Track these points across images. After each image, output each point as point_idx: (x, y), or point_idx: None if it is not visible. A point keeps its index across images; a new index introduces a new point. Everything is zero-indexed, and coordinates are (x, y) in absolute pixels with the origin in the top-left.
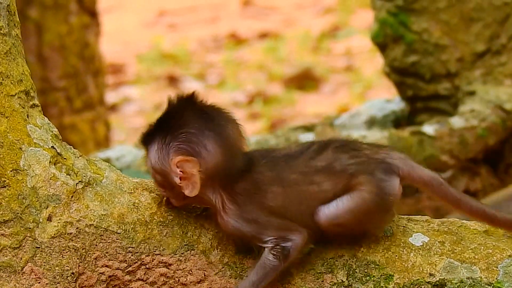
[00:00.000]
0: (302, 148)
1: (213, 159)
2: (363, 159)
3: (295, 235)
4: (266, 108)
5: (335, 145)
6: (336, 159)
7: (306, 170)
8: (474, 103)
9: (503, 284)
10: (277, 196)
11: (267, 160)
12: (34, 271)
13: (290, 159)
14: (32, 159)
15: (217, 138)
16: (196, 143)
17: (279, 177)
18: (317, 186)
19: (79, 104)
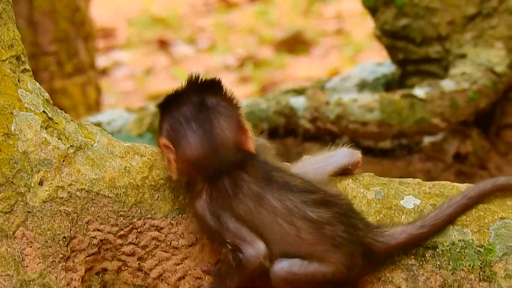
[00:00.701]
0: (305, 188)
1: (194, 153)
2: (354, 238)
3: (250, 249)
4: (257, 72)
5: (338, 210)
6: (332, 224)
7: (294, 210)
8: (465, 66)
9: (495, 246)
10: (248, 211)
11: (262, 173)
12: (25, 235)
13: (286, 188)
14: (23, 124)
15: (202, 134)
16: (179, 133)
17: (260, 196)
18: (296, 231)
19: (69, 69)
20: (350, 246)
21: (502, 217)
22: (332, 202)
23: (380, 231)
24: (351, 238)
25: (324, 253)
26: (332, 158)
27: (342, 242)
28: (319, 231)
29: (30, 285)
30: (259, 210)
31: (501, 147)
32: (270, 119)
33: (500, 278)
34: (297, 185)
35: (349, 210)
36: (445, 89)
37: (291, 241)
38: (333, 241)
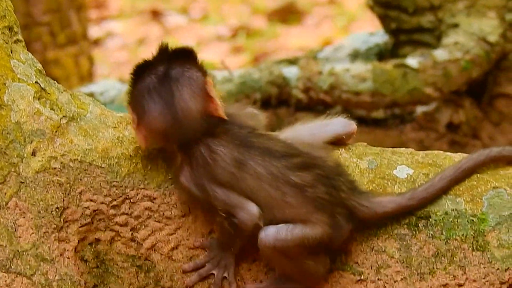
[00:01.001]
0: (286, 152)
1: (157, 125)
2: (336, 200)
3: (243, 213)
4: (250, 42)
5: (320, 172)
6: (313, 186)
7: (277, 175)
8: (458, 35)
9: (488, 216)
10: (232, 177)
11: (239, 139)
12: (18, 206)
13: (267, 153)
14: (16, 94)
15: (164, 106)
16: (142, 105)
17: (242, 162)
18: (281, 196)
19: (62, 39)
20: (332, 207)
21: (495, 186)
22: (314, 164)
23: (367, 197)
24: (333, 199)
25: (308, 215)
26: (327, 126)
27: (323, 203)
28: (302, 194)
29: (23, 256)
30: (243, 176)
31: (494, 117)
32: (263, 89)
33: (493, 247)
34: (278, 150)
35: (333, 172)
36: (438, 58)
37: (277, 205)
38: (315, 203)
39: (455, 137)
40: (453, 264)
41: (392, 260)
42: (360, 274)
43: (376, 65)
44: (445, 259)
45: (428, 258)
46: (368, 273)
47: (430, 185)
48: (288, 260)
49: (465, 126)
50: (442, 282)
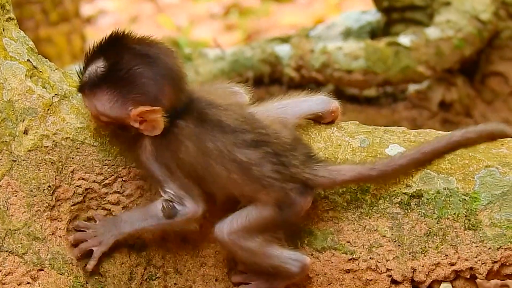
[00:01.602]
0: (238, 127)
1: (170, 100)
2: (285, 177)
3: (190, 205)
4: (242, 20)
5: (268, 149)
6: (260, 165)
7: (224, 151)
8: (450, 13)
9: (480, 195)
10: (189, 152)
11: (199, 114)
12: (10, 185)
13: (220, 128)
14: (8, 73)
15: (170, 81)
16: (155, 92)
17: (199, 137)
18: (227, 173)
19: (54, 17)
20: (281, 184)
21: (487, 165)
22: (264, 141)
23: (325, 166)
24: (281, 176)
25: (255, 193)
26: (304, 102)
27: (270, 181)
28: (247, 173)
29: (15, 234)
30: (196, 152)
31: (486, 95)
32: (255, 67)
33: (485, 226)
34: (230, 124)
35: (284, 148)
36: (430, 36)
37: (222, 182)
38: (261, 182)
39: (447, 116)
40: (445, 243)
41: (384, 239)
42: (352, 253)
43: (369, 43)
44: (437, 238)
45: (420, 237)
46: (360, 252)
47: (391, 160)
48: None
49: (457, 105)
50: (434, 261)
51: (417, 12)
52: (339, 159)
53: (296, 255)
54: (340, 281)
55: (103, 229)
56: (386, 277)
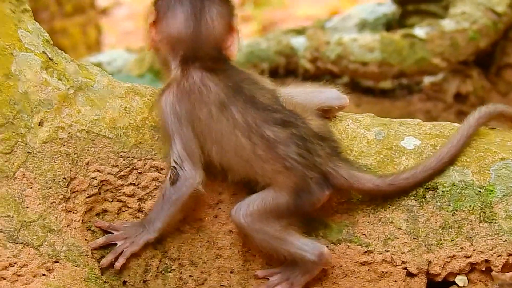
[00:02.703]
0: (269, 105)
1: (175, 29)
2: (309, 163)
3: (188, 169)
4: (258, 11)
5: (297, 132)
6: (286, 144)
7: (253, 126)
8: (465, 5)
9: (495, 187)
10: (209, 116)
11: (232, 81)
12: (26, 176)
13: (251, 103)
14: (23, 64)
15: (191, 14)
16: (169, 5)
17: (225, 105)
18: (251, 146)
19: (69, 8)
20: (303, 169)
21: (502, 157)
22: (292, 123)
23: (348, 169)
24: (304, 161)
25: (275, 174)
26: (322, 93)
27: (293, 164)
28: (272, 150)
29: (31, 226)
30: (220, 118)
31: (502, 87)
32: (271, 59)
33: (500, 219)
34: (263, 101)
35: (312, 135)
36: (445, 28)
37: (245, 155)
38: (284, 162)
39: (462, 108)
40: (461, 235)
41: (399, 231)
42: (368, 246)
43: (384, 35)
44: (452, 231)
45: (435, 230)
46: (375, 244)
47: (412, 175)
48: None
49: (472, 97)
50: (450, 253)
51: (432, 4)
52: (354, 152)
53: (313, 244)
54: (355, 274)
55: (134, 231)
56: (401, 270)
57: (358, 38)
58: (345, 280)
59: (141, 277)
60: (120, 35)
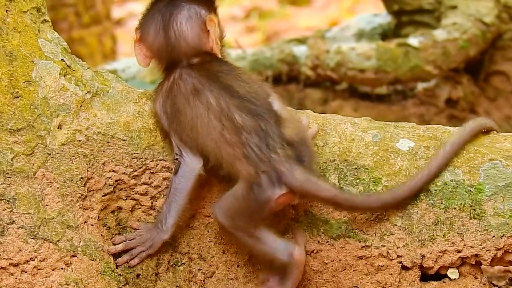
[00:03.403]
0: (246, 96)
1: (152, 41)
2: (264, 156)
3: (188, 156)
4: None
5: (264, 126)
6: (249, 133)
7: (225, 110)
8: (456, 16)
9: (484, 186)
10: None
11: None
12: (45, 176)
13: (227, 91)
14: (43, 71)
15: (162, 25)
16: (146, 23)
17: (199, 91)
18: (221, 128)
19: (87, 19)
20: (256, 160)
21: (491, 158)
22: (263, 118)
23: (306, 174)
24: (260, 154)
25: (234, 159)
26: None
27: (251, 153)
28: (237, 135)
29: (50, 223)
30: (195, 103)
31: (490, 92)
32: (274, 66)
33: (489, 216)
34: (239, 91)
35: (278, 135)
36: (438, 38)
37: (215, 137)
38: (243, 149)
39: (453, 112)
40: (452, 231)
41: (395, 227)
42: (365, 241)
43: (380, 44)
44: (444, 227)
45: (428, 226)
46: (372, 239)
47: (367, 199)
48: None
49: (463, 102)
50: (442, 248)
51: (426, 15)
52: (352, 153)
53: (285, 244)
54: (353, 267)
55: (149, 234)
56: (396, 263)
57: (356, 47)
58: (344, 273)
59: (153, 270)
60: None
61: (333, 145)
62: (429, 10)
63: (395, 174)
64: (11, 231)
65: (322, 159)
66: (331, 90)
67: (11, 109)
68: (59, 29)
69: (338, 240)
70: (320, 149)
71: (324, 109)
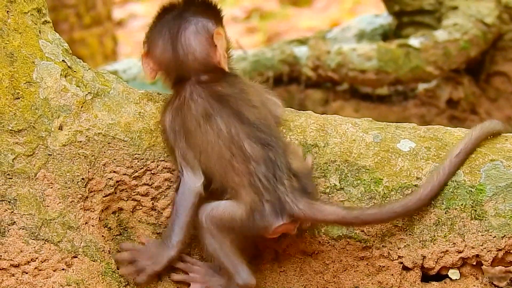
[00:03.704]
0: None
1: (160, 55)
2: (270, 186)
3: (188, 174)
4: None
5: (273, 156)
6: (258, 162)
7: (234, 137)
8: (457, 17)
9: (485, 187)
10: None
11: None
12: (46, 177)
13: (236, 117)
14: (44, 72)
15: (169, 40)
16: (153, 37)
17: (210, 115)
18: (230, 156)
19: (88, 20)
20: (261, 190)
21: (492, 159)
22: (272, 148)
23: (310, 203)
24: (266, 184)
25: (239, 187)
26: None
27: (257, 183)
28: (245, 164)
29: (51, 224)
30: (206, 128)
31: (491, 93)
32: (275, 67)
33: (490, 216)
34: (249, 117)
35: (286, 166)
36: (438, 39)
37: (224, 163)
38: (250, 178)
39: (454, 113)
40: (453, 232)
41: (395, 228)
42: (366, 242)
43: (381, 45)
44: (445, 227)
45: (429, 226)
46: (373, 240)
47: (378, 212)
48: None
49: (464, 102)
50: (443, 249)
51: (426, 16)
52: (353, 153)
53: (248, 273)
54: (354, 268)
55: (156, 250)
56: (397, 264)
57: (356, 47)
58: (345, 273)
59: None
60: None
61: (334, 146)
62: (430, 11)
63: (396, 175)
64: (12, 232)
65: (323, 160)
66: (332, 90)
67: (12, 110)
68: (60, 30)
69: (339, 240)
70: (321, 150)
71: (325, 109)
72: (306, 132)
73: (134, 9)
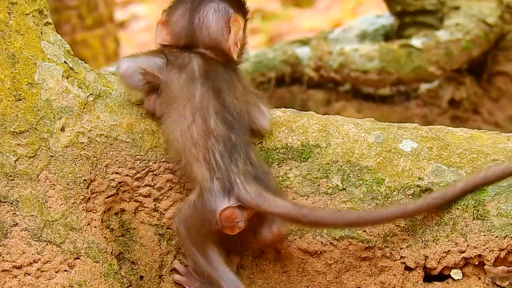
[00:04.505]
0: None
1: (178, 23)
2: (223, 165)
3: None
4: (265, 24)
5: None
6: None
7: (203, 108)
8: (459, 17)
9: (487, 187)
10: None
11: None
12: (48, 178)
13: (216, 93)
14: (46, 74)
15: (190, 10)
16: (175, 6)
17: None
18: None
19: (90, 22)
20: (214, 168)
21: (494, 159)
22: (237, 132)
23: (259, 189)
24: (220, 163)
25: (193, 160)
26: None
27: (211, 159)
28: (204, 137)
29: (53, 225)
30: (183, 85)
31: (493, 93)
32: (277, 68)
33: (492, 216)
34: (226, 101)
35: (245, 152)
36: (440, 39)
37: (183, 127)
38: (205, 153)
39: (456, 113)
40: (455, 232)
41: (398, 228)
42: (368, 242)
43: (383, 45)
44: (447, 227)
45: (431, 227)
46: (375, 241)
47: (328, 215)
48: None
49: (466, 102)
50: (445, 249)
51: (428, 16)
52: (355, 154)
53: (233, 279)
54: (357, 268)
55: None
56: (400, 264)
57: (358, 48)
58: (347, 274)
59: (156, 272)
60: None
61: (336, 146)
62: (432, 11)
63: (398, 175)
64: (14, 234)
65: (325, 160)
66: (334, 91)
67: (14, 111)
68: (62, 31)
69: (341, 241)
70: (323, 150)
71: (327, 110)
72: (308, 132)
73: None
